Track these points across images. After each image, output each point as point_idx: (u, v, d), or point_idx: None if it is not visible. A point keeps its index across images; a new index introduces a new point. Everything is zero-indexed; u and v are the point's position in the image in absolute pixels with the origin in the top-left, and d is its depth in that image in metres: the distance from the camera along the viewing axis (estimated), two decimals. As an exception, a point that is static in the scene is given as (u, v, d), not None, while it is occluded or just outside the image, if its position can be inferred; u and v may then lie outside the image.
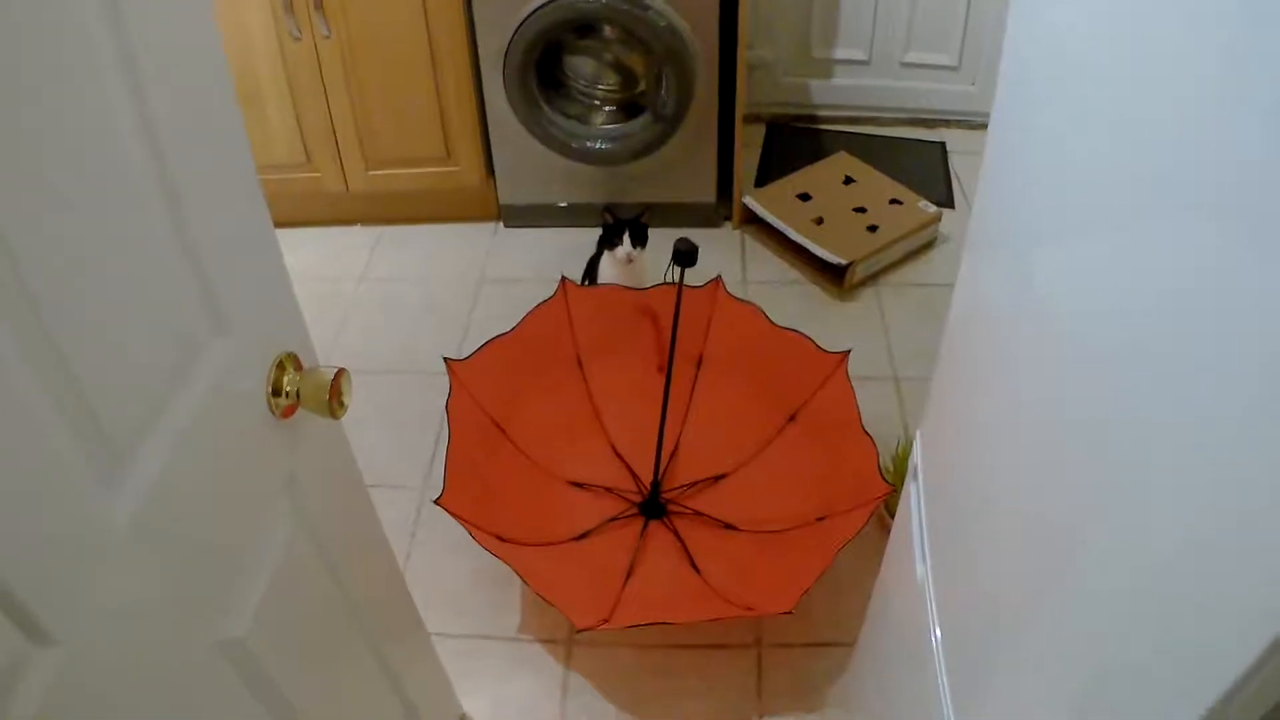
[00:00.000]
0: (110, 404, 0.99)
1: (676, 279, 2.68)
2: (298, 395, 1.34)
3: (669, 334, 2.73)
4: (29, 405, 0.87)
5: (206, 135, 1.19)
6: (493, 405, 2.85)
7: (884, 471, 2.57)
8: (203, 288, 1.17)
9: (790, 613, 2.31)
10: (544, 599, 2.45)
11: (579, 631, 2.55)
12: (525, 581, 2.50)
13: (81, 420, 0.94)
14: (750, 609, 2.45)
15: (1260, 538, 0.67)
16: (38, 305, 0.87)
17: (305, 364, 1.39)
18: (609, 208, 3.32)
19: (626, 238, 3.23)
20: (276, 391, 1.31)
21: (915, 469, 1.65)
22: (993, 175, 1.31)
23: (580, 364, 3.05)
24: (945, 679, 1.36)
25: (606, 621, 2.44)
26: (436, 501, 2.48)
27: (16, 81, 0.86)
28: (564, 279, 3.00)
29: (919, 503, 1.60)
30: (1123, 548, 0.87)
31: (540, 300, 2.97)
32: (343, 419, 1.46)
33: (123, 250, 1.03)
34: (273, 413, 1.32)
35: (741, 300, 3.01)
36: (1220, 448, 0.71)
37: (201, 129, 1.17)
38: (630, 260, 3.26)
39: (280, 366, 1.32)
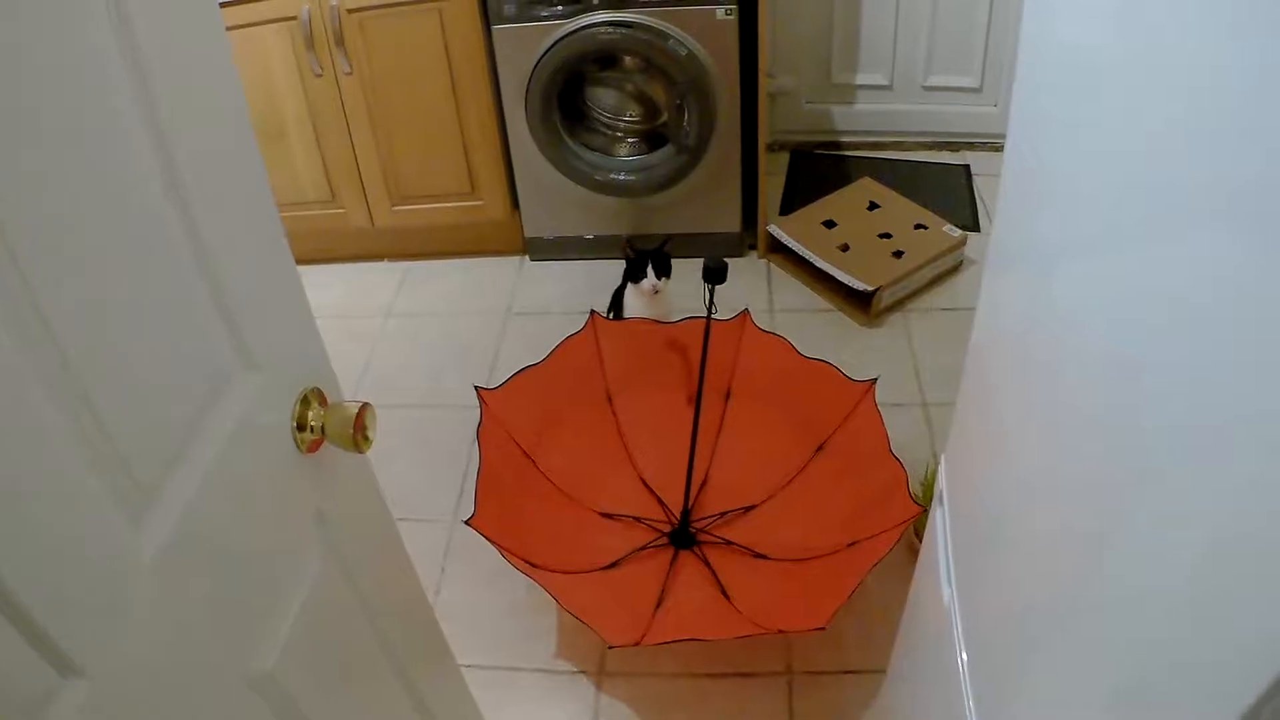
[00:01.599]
0: (137, 441, 1.00)
1: (708, 296, 2.69)
2: (323, 430, 1.34)
3: (697, 367, 2.74)
4: (55, 444, 0.88)
5: (228, 176, 1.20)
6: (522, 435, 2.86)
7: (914, 497, 2.56)
8: (227, 324, 1.18)
9: (824, 628, 2.31)
10: (577, 618, 2.46)
11: (611, 648, 2.55)
12: (558, 601, 2.50)
13: (107, 457, 0.95)
14: (783, 629, 2.45)
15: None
16: (64, 346, 0.89)
17: (330, 399, 1.39)
18: (630, 241, 3.33)
19: (650, 270, 3.24)
20: (301, 426, 1.32)
21: (941, 493, 1.64)
22: (1011, 194, 1.31)
23: (609, 397, 3.06)
24: (971, 702, 1.36)
25: (638, 642, 2.44)
26: (468, 522, 2.49)
27: (40, 140, 0.88)
28: (593, 313, 3.01)
29: (945, 526, 1.59)
30: (1150, 563, 0.86)
31: (568, 333, 2.99)
32: (370, 452, 1.47)
33: (148, 289, 1.04)
34: (298, 448, 1.32)
35: (769, 332, 3.02)
36: (1249, 457, 0.70)
37: (223, 170, 1.19)
38: (656, 291, 3.27)
39: (305, 401, 1.33)
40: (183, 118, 1.08)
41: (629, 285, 3.37)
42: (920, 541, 2.35)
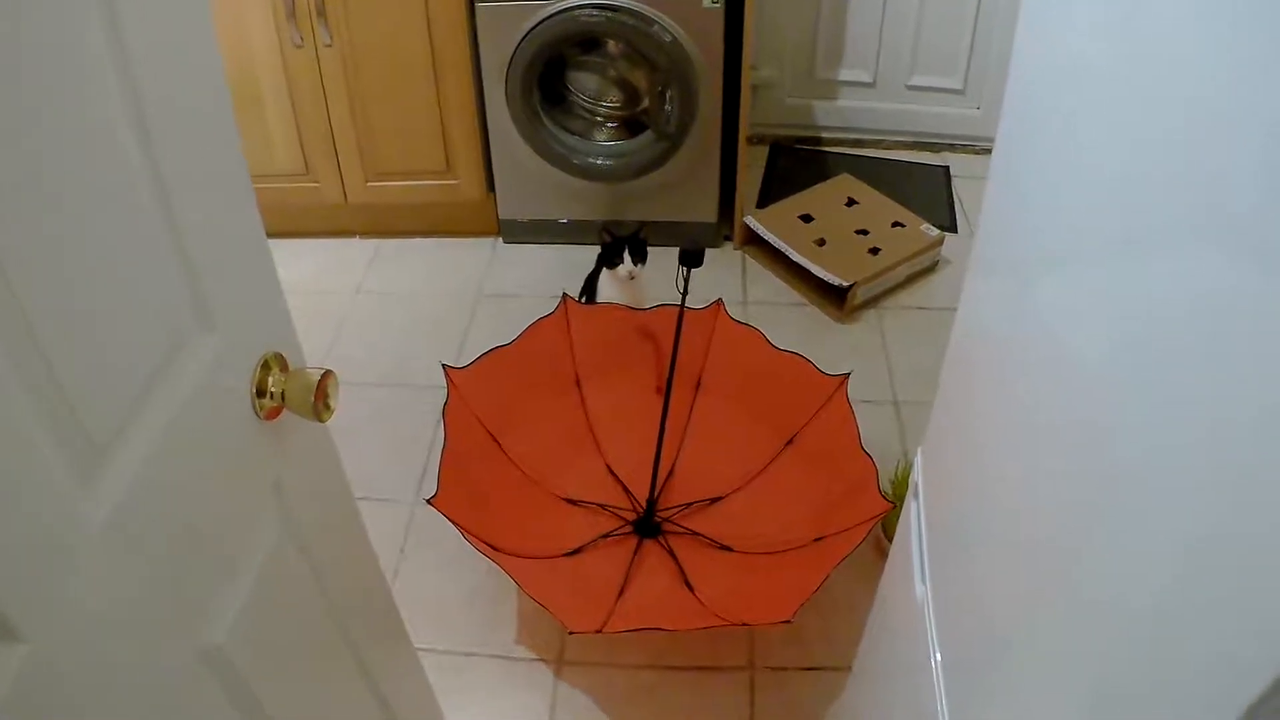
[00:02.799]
0: (89, 397, 0.97)
1: (683, 279, 2.66)
2: (283, 396, 1.30)
3: (668, 355, 2.71)
4: (4, 397, 0.84)
5: (198, 131, 1.16)
6: (489, 416, 2.83)
7: (883, 494, 2.53)
8: (189, 282, 1.14)
9: (789, 621, 2.28)
10: (537, 603, 2.42)
11: (571, 634, 2.52)
12: (518, 585, 2.47)
13: (58, 412, 0.91)
14: (747, 622, 2.42)
15: (1263, 552, 0.65)
16: (17, 292, 0.85)
17: (292, 365, 1.36)
18: (606, 226, 3.30)
19: (626, 256, 3.21)
20: (261, 392, 1.28)
21: (916, 487, 1.62)
22: (997, 197, 1.30)
23: (578, 381, 3.03)
24: (945, 703, 1.33)
25: (599, 629, 2.41)
26: (430, 501, 2.45)
27: (6, 75, 0.84)
28: (565, 296, 2.98)
29: (919, 521, 1.57)
30: (1126, 566, 0.86)
31: (538, 316, 2.95)
32: (332, 429, 1.44)
33: (108, 241, 1.00)
34: (257, 414, 1.29)
35: (742, 323, 2.99)
36: (1224, 463, 0.70)
37: (193, 125, 1.15)
38: (631, 278, 3.24)
39: (265, 366, 1.29)
40: (154, 61, 1.04)
41: (604, 271, 3.34)
42: (889, 540, 2.33)
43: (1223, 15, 0.72)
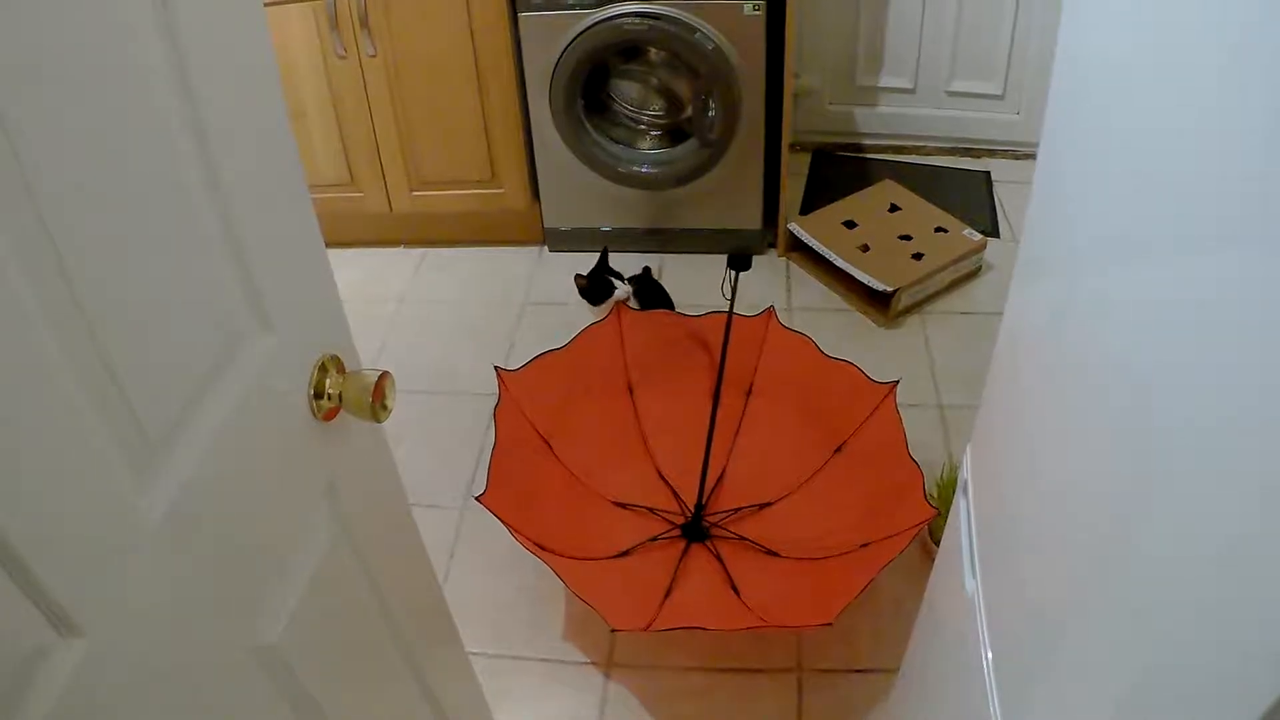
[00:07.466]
0: (148, 396, 0.98)
1: (731, 284, 2.67)
2: (340, 398, 1.32)
3: (719, 361, 2.72)
4: (64, 393, 0.86)
5: (254, 133, 1.18)
6: (539, 419, 2.85)
7: (929, 498, 2.53)
8: (246, 283, 1.16)
9: (830, 625, 2.29)
10: (583, 600, 2.43)
11: (614, 631, 2.52)
12: (564, 582, 2.48)
13: (117, 410, 0.93)
14: (790, 624, 2.42)
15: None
16: (79, 294, 0.87)
17: (348, 367, 1.37)
18: (577, 274, 3.41)
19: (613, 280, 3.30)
20: (318, 393, 1.30)
21: (965, 484, 1.62)
22: (1042, 199, 1.30)
23: (630, 386, 3.05)
24: (997, 702, 1.33)
25: (644, 628, 2.42)
26: (479, 498, 2.48)
27: (64, 77, 0.86)
28: (618, 302, 2.99)
29: (969, 518, 1.57)
30: (1169, 562, 0.86)
31: (584, 324, 2.99)
32: (384, 432, 1.45)
33: (167, 242, 1.02)
34: (314, 415, 1.30)
35: (793, 330, 3.00)
36: (1272, 457, 0.70)
37: (249, 128, 1.17)
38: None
39: (323, 368, 1.31)
40: (210, 65, 1.06)
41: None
42: (936, 544, 2.33)
43: (1269, 13, 0.72)
